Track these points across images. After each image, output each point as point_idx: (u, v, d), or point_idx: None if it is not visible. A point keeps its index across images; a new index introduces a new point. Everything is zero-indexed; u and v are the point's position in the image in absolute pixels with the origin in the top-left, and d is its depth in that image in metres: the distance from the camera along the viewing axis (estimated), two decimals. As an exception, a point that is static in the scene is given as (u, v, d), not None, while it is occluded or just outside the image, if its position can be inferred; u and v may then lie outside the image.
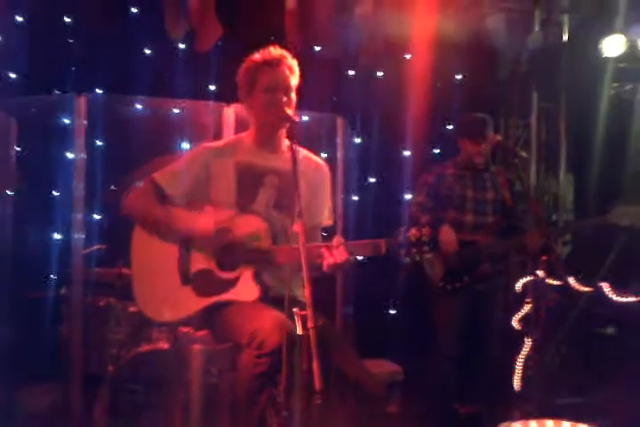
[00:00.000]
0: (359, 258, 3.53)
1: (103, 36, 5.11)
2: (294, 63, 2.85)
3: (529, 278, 3.86)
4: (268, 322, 2.51)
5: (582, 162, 5.50)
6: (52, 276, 4.59)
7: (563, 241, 5.47)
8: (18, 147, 4.61)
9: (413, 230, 2.52)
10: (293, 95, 2.84)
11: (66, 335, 4.05)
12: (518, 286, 4.17)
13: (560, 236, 5.27)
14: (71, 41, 5.28)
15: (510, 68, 5.74)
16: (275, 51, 2.84)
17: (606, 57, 5.16)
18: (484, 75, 5.67)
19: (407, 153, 5.56)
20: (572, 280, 4.22)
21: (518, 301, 4.06)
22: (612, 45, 5.12)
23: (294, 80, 2.84)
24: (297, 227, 2.34)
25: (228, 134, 4.27)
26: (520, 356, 4.06)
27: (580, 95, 5.48)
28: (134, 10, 5.38)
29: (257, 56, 2.85)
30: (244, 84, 2.88)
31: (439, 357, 3.93)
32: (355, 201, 5.33)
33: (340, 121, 4.76)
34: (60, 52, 5.12)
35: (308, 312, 2.16)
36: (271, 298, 2.70)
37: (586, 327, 4.43)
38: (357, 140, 5.49)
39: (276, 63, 2.81)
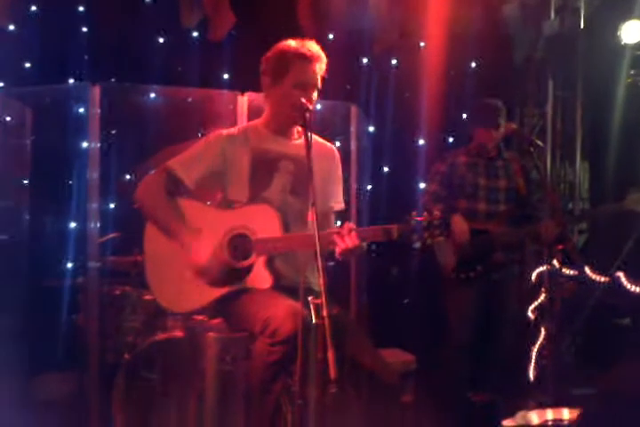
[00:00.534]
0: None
1: (117, 25, 5.11)
2: (325, 62, 2.80)
3: (544, 268, 3.85)
4: (281, 310, 2.51)
5: (598, 150, 5.46)
6: (68, 265, 4.62)
7: (579, 230, 5.44)
8: (33, 136, 4.63)
9: (424, 214, 2.53)
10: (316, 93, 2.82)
11: (82, 324, 4.08)
12: (533, 275, 4.16)
13: (576, 224, 5.24)
14: (85, 30, 5.30)
15: (526, 55, 5.68)
16: (313, 46, 2.78)
17: (624, 44, 5.11)
18: (499, 62, 5.62)
19: (421, 142, 5.53)
20: (588, 270, 4.20)
21: (533, 290, 4.05)
22: (630, 32, 5.06)
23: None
24: (311, 215, 2.33)
25: (242, 123, 4.26)
26: (535, 346, 4.06)
27: (596, 83, 5.43)
28: (148, -1, 5.39)
29: (293, 45, 2.78)
30: (271, 70, 2.80)
31: (452, 346, 3.93)
32: (368, 190, 5.32)
33: (354, 109, 4.73)
34: (74, 42, 5.14)
35: (323, 301, 2.15)
36: (284, 286, 2.70)
37: (602, 318, 4.40)
38: (371, 129, 5.46)
39: (312, 59, 2.75)
